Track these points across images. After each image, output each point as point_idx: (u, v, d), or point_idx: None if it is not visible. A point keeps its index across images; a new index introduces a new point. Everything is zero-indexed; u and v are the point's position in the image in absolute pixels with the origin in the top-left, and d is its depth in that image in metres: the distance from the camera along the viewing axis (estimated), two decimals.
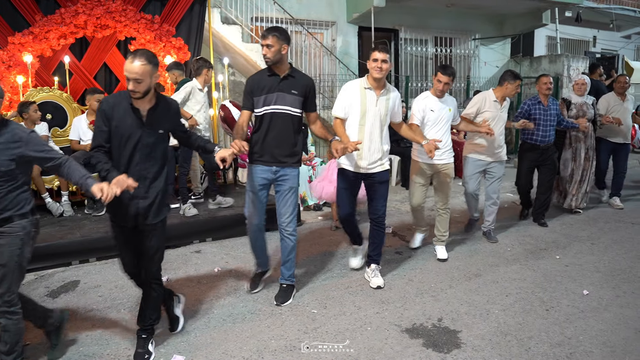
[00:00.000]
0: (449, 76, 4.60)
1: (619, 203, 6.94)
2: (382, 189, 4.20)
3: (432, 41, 12.05)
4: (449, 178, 4.84)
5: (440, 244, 4.97)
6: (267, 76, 3.73)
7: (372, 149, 4.06)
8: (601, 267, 4.65)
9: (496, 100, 5.23)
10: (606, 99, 6.77)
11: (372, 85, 4.02)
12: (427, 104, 4.70)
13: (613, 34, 15.49)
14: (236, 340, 3.33)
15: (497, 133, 5.20)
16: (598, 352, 3.17)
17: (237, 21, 8.75)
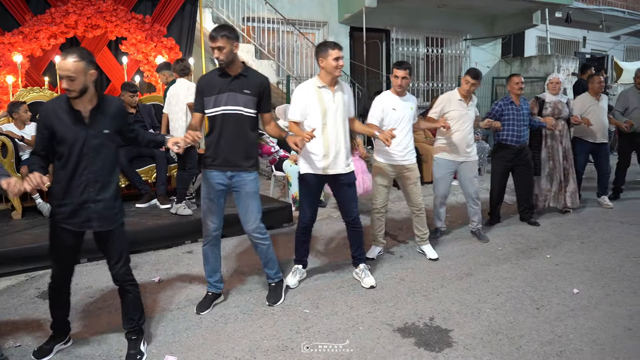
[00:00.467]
0: (404, 70, 4.51)
1: (608, 202, 6.95)
2: (351, 191, 4.15)
3: (423, 41, 12.10)
4: (415, 177, 4.74)
5: (425, 243, 4.92)
6: (217, 76, 3.58)
7: (338, 148, 3.98)
8: (591, 266, 4.69)
9: (461, 99, 5.18)
10: (581, 99, 6.74)
11: (326, 83, 3.96)
12: (388, 103, 4.59)
13: (602, 35, 15.62)
14: (228, 341, 3.33)
15: (467, 131, 5.17)
16: (588, 350, 3.20)
17: (228, 21, 8.74)
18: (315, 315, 3.70)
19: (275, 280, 3.95)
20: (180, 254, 5.02)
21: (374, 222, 4.86)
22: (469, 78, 5.13)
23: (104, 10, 6.57)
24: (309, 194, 4.12)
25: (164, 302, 3.89)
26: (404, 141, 4.60)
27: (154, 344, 3.28)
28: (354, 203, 4.18)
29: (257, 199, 3.73)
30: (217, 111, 3.54)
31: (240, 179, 3.62)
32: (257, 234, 3.76)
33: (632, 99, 7.02)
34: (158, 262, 4.77)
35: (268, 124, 3.83)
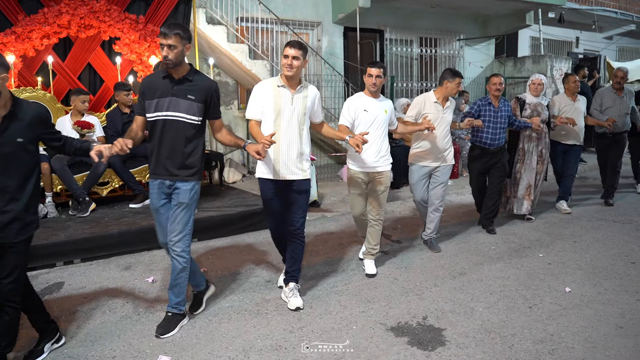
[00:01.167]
0: (378, 68, 4.30)
1: (566, 207, 6.70)
2: (301, 199, 3.85)
3: (417, 42, 12.12)
4: (384, 187, 4.49)
5: (370, 258, 4.58)
6: (161, 78, 3.33)
7: (291, 152, 3.73)
8: (583, 265, 4.72)
9: (437, 101, 4.94)
10: (557, 100, 6.55)
11: (285, 83, 3.71)
12: (360, 104, 4.36)
13: (595, 35, 15.70)
14: (222, 340, 3.33)
15: (441, 135, 4.94)
16: (580, 348, 3.22)
17: (222, 21, 8.73)
18: (308, 314, 3.70)
19: (174, 310, 3.50)
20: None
21: (360, 228, 4.77)
22: (448, 78, 4.89)
23: (97, 10, 6.54)
24: (267, 198, 3.87)
25: (158, 303, 3.88)
26: (377, 145, 4.37)
27: (148, 344, 3.28)
28: (301, 212, 3.87)
29: (188, 211, 3.42)
30: (158, 116, 3.31)
31: (176, 188, 3.38)
32: (177, 248, 3.40)
33: (607, 98, 6.94)
34: (152, 262, 4.76)
35: (218, 131, 3.61)
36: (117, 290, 4.08)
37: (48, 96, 6.13)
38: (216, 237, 5.45)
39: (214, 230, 5.49)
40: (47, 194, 5.63)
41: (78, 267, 4.62)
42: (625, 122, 6.95)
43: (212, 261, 4.82)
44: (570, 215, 6.54)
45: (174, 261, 3.43)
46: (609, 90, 7.06)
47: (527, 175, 6.09)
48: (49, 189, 5.64)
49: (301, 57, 3.66)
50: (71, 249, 4.70)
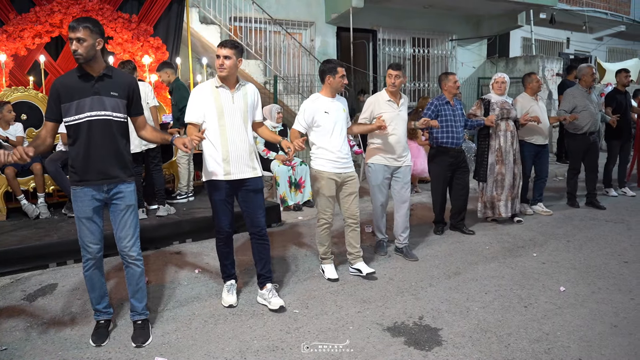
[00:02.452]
0: (340, 68, 4.27)
1: (546, 209, 6.68)
2: (257, 198, 3.80)
3: (409, 42, 12.15)
4: (357, 187, 4.47)
5: (359, 260, 4.50)
6: (77, 78, 3.11)
7: (240, 151, 3.68)
8: (577, 264, 4.75)
9: (390, 99, 4.81)
10: (520, 100, 6.42)
11: (223, 83, 3.66)
12: (319, 106, 4.26)
13: (586, 36, 15.80)
14: (218, 341, 3.32)
15: (402, 134, 4.82)
16: (575, 347, 3.23)
17: (215, 21, 8.71)
18: (305, 315, 3.70)
19: (143, 317, 3.44)
20: (168, 255, 4.99)
21: (323, 239, 4.46)
22: (390, 71, 4.77)
23: (90, 9, 6.51)
24: (219, 200, 3.73)
25: (153, 304, 3.86)
26: (344, 147, 4.34)
27: (144, 346, 3.25)
28: (261, 212, 3.82)
29: (135, 213, 3.33)
30: (81, 119, 3.09)
31: (119, 192, 3.23)
32: (133, 253, 3.31)
33: (580, 98, 6.76)
34: (146, 264, 4.66)
35: (142, 128, 3.44)
36: (111, 291, 4.05)
37: (40, 96, 6.08)
38: (211, 238, 5.41)
39: (208, 231, 5.45)
40: (39, 194, 5.59)
41: (71, 269, 4.58)
42: (597, 120, 6.89)
43: (206, 262, 4.80)
44: (562, 214, 6.58)
45: (131, 267, 3.35)
46: (578, 90, 6.87)
47: (508, 175, 6.00)
48: (42, 189, 5.60)
49: (233, 57, 3.59)
50: (64, 250, 4.65)
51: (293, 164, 6.64)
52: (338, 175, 4.32)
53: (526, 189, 6.55)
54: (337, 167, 4.30)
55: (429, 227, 5.94)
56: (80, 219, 3.20)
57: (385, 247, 5.11)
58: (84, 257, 3.27)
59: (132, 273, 3.36)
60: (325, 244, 4.48)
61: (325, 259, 4.52)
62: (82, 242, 3.23)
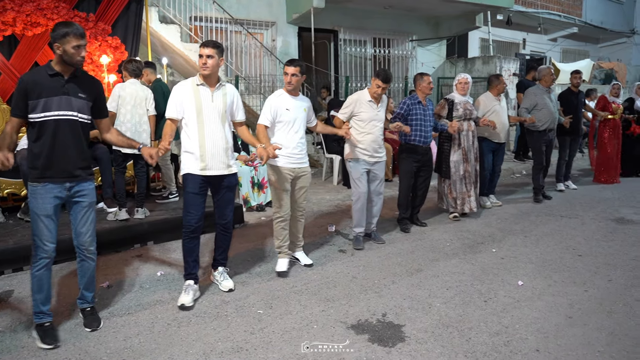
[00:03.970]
0: (295, 67, 4.33)
1: (496, 200, 7.09)
2: (230, 194, 4.04)
3: (370, 42, 12.26)
4: (308, 182, 4.64)
5: (300, 250, 4.78)
6: (47, 76, 3.16)
7: (217, 148, 3.83)
8: (534, 259, 4.89)
9: (371, 100, 5.05)
10: (483, 99, 6.68)
11: (204, 81, 3.80)
12: (281, 103, 4.39)
13: (541, 37, 16.26)
14: (182, 344, 3.28)
15: (378, 133, 5.09)
16: (533, 338, 3.33)
17: (175, 20, 8.61)
18: (269, 315, 3.70)
19: (92, 304, 3.58)
20: (129, 258, 4.91)
21: (278, 233, 4.58)
22: (379, 82, 4.95)
23: (45, 7, 6.32)
24: (191, 194, 3.85)
25: (114, 308, 3.80)
26: (300, 143, 4.49)
27: (105, 351, 3.19)
28: (231, 207, 4.08)
29: (94, 210, 3.44)
30: (47, 116, 3.14)
31: (81, 189, 3.32)
32: (92, 248, 3.44)
33: (540, 96, 7.11)
34: (107, 267, 4.65)
35: (107, 131, 3.53)
36: (71, 296, 3.96)
37: None
38: (172, 240, 5.36)
39: (169, 233, 5.40)
40: None
41: (28, 274, 4.44)
42: (556, 118, 7.23)
43: (168, 264, 4.74)
44: (520, 211, 6.76)
45: (87, 262, 3.46)
46: (539, 89, 7.23)
47: (473, 172, 6.27)
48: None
49: (215, 56, 3.74)
50: (20, 255, 4.51)
51: (255, 164, 6.62)
52: (292, 170, 4.46)
53: (484, 183, 6.85)
54: (291, 162, 4.43)
55: (390, 224, 6.03)
56: (39, 217, 3.19)
57: (359, 241, 5.27)
58: (38, 256, 3.24)
59: (87, 266, 3.48)
60: (280, 238, 4.58)
61: (279, 253, 4.63)
62: (38, 240, 3.21)
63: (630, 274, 4.49)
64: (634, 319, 3.62)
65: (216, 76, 3.85)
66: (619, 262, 4.77)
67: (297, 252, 4.77)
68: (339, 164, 8.19)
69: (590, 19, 17.07)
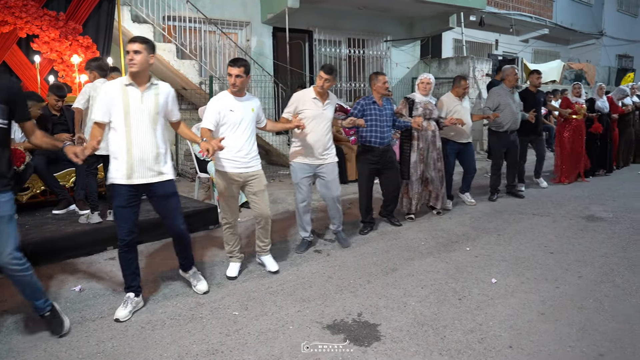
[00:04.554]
0: (239, 67, 4.09)
1: (472, 199, 7.12)
2: (171, 202, 3.73)
3: (345, 42, 12.29)
4: (263, 185, 4.39)
5: (266, 254, 4.60)
6: None
7: (146, 154, 3.52)
8: (507, 256, 4.95)
9: (316, 97, 4.83)
10: (445, 100, 6.67)
11: (133, 81, 3.47)
12: (225, 104, 4.17)
13: (513, 38, 16.51)
14: (156, 348, 3.25)
15: (323, 132, 4.87)
16: (506, 335, 3.38)
17: (148, 20, 8.51)
18: (244, 317, 3.68)
19: (48, 309, 3.35)
20: (102, 260, 4.84)
21: (227, 238, 4.47)
22: (322, 73, 4.78)
23: (13, 5, 6.20)
24: (120, 205, 3.58)
25: (87, 312, 3.73)
26: (247, 146, 4.26)
27: (77, 356, 3.14)
28: (176, 214, 3.79)
29: (12, 223, 3.10)
30: None
31: None
32: (15, 265, 3.11)
33: (504, 97, 7.11)
34: (78, 271, 4.57)
35: (32, 134, 3.28)
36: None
37: None
38: (146, 242, 5.30)
39: (142, 234, 5.31)
40: None
41: None
42: (519, 119, 7.24)
43: (142, 266, 4.67)
44: (493, 209, 6.85)
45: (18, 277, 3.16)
46: (503, 89, 7.23)
47: (432, 173, 6.22)
48: None
49: (144, 51, 3.44)
50: None
51: None
52: (239, 175, 4.26)
53: (449, 185, 6.79)
54: (237, 167, 4.23)
55: None
56: None
57: (305, 246, 5.14)
58: None
59: (21, 281, 3.18)
60: (230, 243, 4.48)
61: (230, 257, 4.53)
62: None
63: (599, 270, 4.58)
64: (603, 313, 3.70)
65: (146, 75, 3.54)
66: (589, 259, 4.87)
67: (263, 256, 4.60)
68: None
69: (561, 21, 17.40)
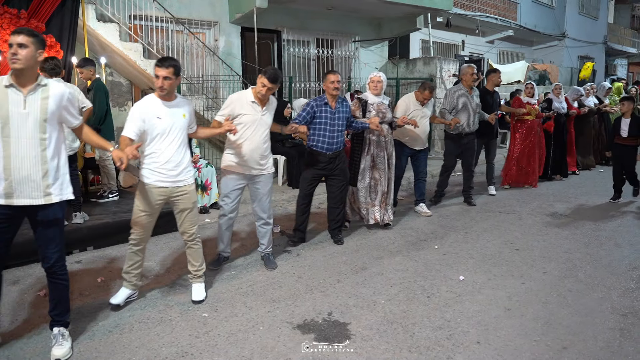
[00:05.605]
0: (167, 68, 3.56)
1: (427, 210, 6.60)
2: (48, 231, 3.11)
3: (314, 43, 12.29)
4: (192, 202, 3.88)
5: (198, 281, 4.04)
6: None
7: (26, 170, 2.95)
8: (474, 254, 5.04)
9: (254, 101, 4.30)
10: (405, 101, 6.28)
11: (14, 82, 2.94)
12: (151, 111, 3.62)
13: (479, 39, 16.77)
14: (124, 352, 3.20)
15: (261, 140, 4.37)
16: (474, 331, 3.44)
17: (114, 19, 8.35)
18: (214, 318, 3.65)
19: None
20: (68, 264, 4.69)
21: (129, 256, 3.86)
22: (265, 81, 4.18)
23: None
24: None
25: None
26: (177, 156, 3.73)
27: None
28: (54, 246, 3.15)
29: None
30: None
31: None
32: None
33: (460, 97, 6.79)
34: (43, 275, 4.43)
35: None
36: (5, 306, 3.78)
37: None
38: (113, 244, 5.22)
39: (110, 237, 5.25)
40: None
41: None
42: (476, 121, 6.95)
43: (109, 270, 4.60)
44: (461, 208, 6.96)
45: None
46: (459, 89, 6.92)
47: (382, 181, 5.75)
48: None
49: (31, 46, 2.92)
50: None
51: (199, 166, 6.51)
52: (165, 189, 3.73)
53: (397, 190, 6.44)
54: (163, 181, 3.70)
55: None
56: None
57: (219, 262, 4.67)
58: None
59: None
60: (128, 263, 3.86)
61: (123, 280, 3.90)
62: None
63: (563, 265, 4.71)
64: (567, 308, 3.80)
65: (33, 74, 3.00)
66: (553, 255, 4.99)
67: (193, 283, 4.04)
68: (283, 164, 8.18)
69: (525, 23, 17.75)
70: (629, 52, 26.55)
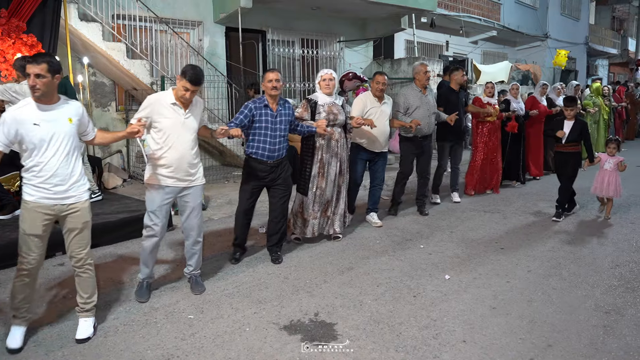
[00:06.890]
0: (39, 64, 3.04)
1: (377, 220, 6.11)
2: None
3: (299, 43, 12.28)
4: (83, 222, 3.36)
5: (85, 316, 3.41)
6: None
7: None
8: (460, 253, 5.07)
9: (175, 103, 3.78)
10: (362, 99, 5.77)
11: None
12: (27, 117, 3.10)
13: (463, 40, 16.88)
14: (109, 355, 3.17)
15: (187, 147, 3.86)
16: (460, 330, 3.46)
17: (97, 18, 8.27)
18: (200, 320, 3.63)
19: None
20: (50, 267, 4.67)
21: (16, 289, 3.25)
22: (186, 84, 3.69)
23: None
24: None
25: (35, 320, 3.59)
26: (63, 170, 3.20)
27: None
28: None
29: None
30: None
31: None
32: None
33: (414, 98, 6.23)
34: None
35: None
36: None
37: None
38: (97, 246, 5.14)
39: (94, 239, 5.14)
40: None
41: None
42: (432, 123, 6.46)
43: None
44: (446, 207, 6.99)
45: None
46: (412, 89, 6.33)
47: (328, 189, 5.24)
48: None
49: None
50: None
51: None
52: (51, 207, 3.22)
53: (354, 197, 5.97)
54: (48, 197, 3.19)
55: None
56: None
57: (145, 290, 4.00)
58: None
59: None
60: (18, 297, 3.27)
61: (14, 317, 3.29)
62: None
63: (547, 264, 4.75)
64: (552, 306, 3.83)
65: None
66: (537, 254, 5.04)
67: (80, 317, 3.42)
68: None
69: (508, 23, 17.89)
70: (609, 53, 26.94)
